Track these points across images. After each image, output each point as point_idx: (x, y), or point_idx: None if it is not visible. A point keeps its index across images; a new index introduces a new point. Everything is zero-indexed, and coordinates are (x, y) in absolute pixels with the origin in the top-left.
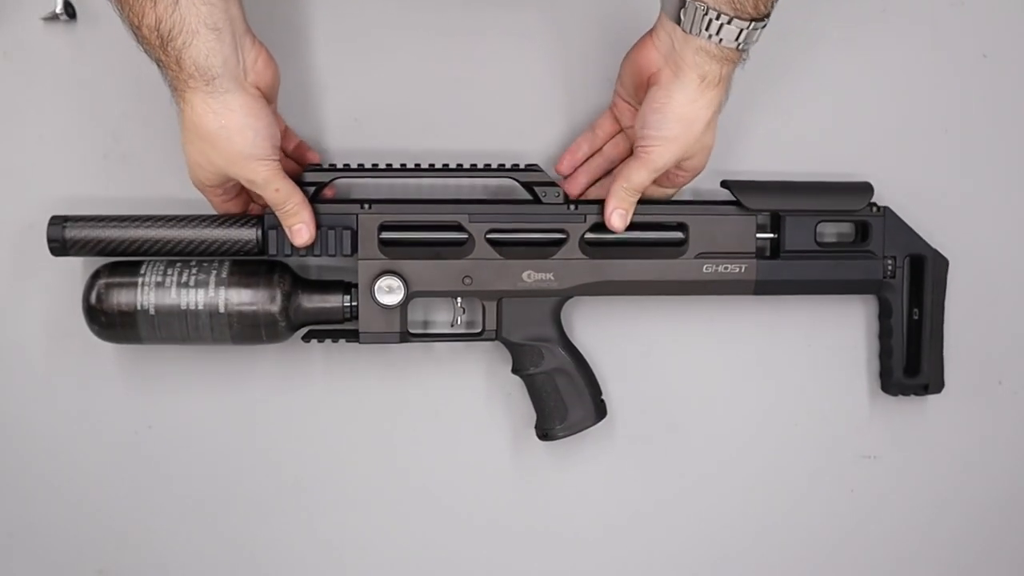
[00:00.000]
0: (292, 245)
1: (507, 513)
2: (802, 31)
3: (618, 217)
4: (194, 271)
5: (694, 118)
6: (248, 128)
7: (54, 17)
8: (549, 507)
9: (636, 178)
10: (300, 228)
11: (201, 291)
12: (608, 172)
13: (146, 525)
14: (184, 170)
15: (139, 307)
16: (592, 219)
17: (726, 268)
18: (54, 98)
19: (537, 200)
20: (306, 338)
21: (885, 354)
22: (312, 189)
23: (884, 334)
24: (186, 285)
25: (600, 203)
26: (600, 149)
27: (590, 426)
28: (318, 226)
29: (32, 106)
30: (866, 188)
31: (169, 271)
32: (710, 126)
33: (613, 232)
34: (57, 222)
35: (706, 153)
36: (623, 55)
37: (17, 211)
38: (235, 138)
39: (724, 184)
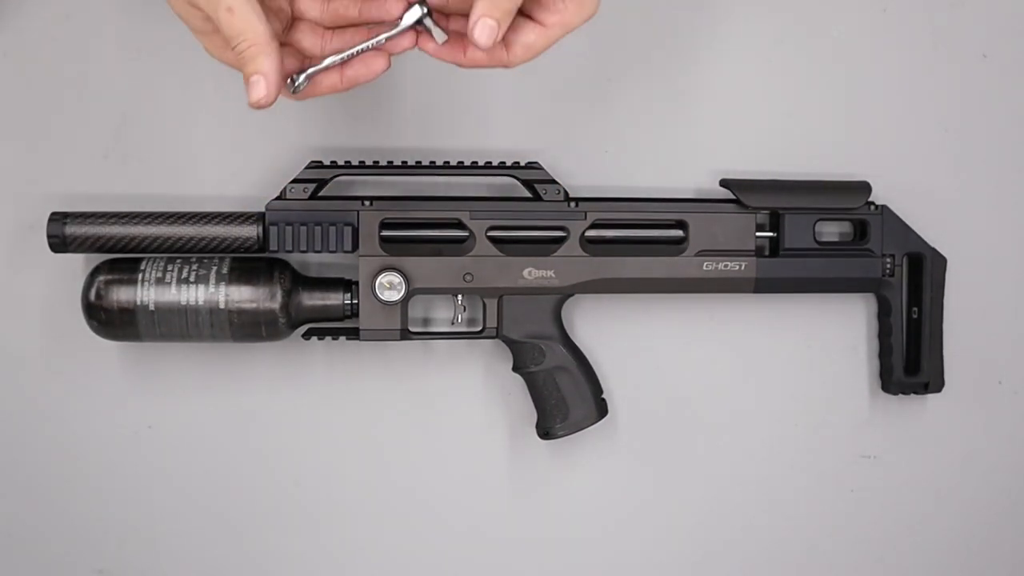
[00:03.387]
0: (293, 242)
1: (507, 511)
2: (801, 31)
3: (485, 28)
4: (194, 267)
5: None
6: None
7: None
8: (549, 506)
9: None
10: (256, 80)
11: (201, 287)
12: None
13: (146, 525)
14: (184, 170)
15: (139, 303)
16: (593, 216)
17: (726, 266)
18: (54, 98)
19: (538, 198)
20: (306, 336)
21: (885, 353)
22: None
23: (884, 333)
24: (186, 281)
25: (601, 200)
26: None
27: (591, 424)
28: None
29: (32, 106)
30: (864, 187)
31: (169, 267)
32: None
33: (478, 48)
34: (57, 218)
35: None
36: (623, 55)
37: (17, 211)
38: None
39: (723, 183)
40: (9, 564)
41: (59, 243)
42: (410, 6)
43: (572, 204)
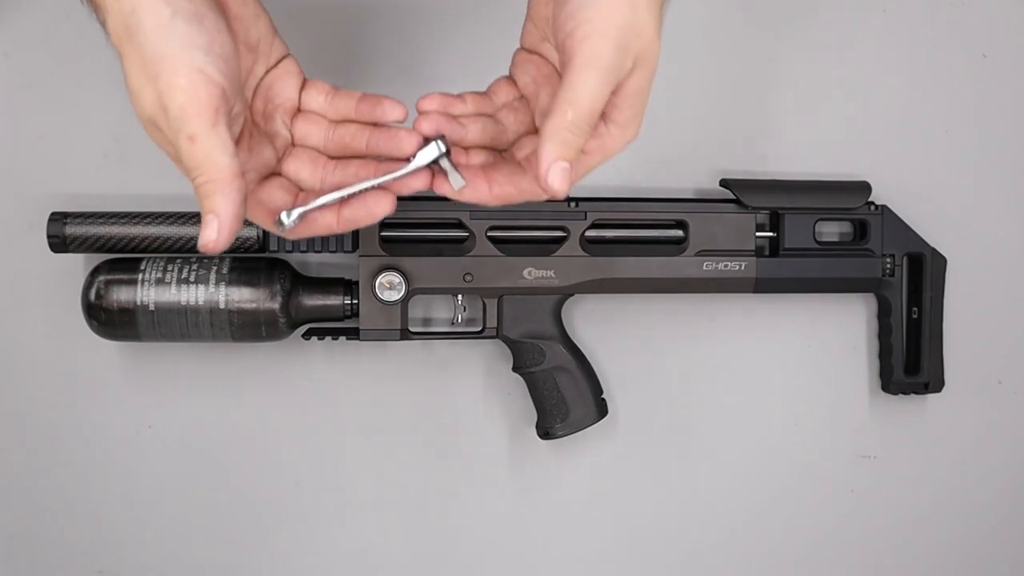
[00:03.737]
0: (293, 242)
1: (507, 511)
2: (802, 31)
3: (560, 173)
4: (195, 267)
5: None
6: (167, 7)
7: None
8: (549, 506)
9: (582, 91)
10: (209, 221)
11: (202, 287)
12: (503, 151)
13: (146, 525)
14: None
15: (139, 303)
16: (593, 216)
17: (726, 266)
18: (54, 98)
19: None
20: (306, 336)
21: (885, 353)
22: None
23: (884, 333)
24: (186, 281)
25: (601, 200)
26: (493, 116)
27: (591, 425)
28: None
29: (32, 106)
30: (864, 187)
31: (169, 267)
32: (652, 12)
33: (551, 197)
34: (57, 218)
35: (650, 68)
36: None
37: (17, 211)
38: (145, 19)
39: (723, 183)
40: (9, 564)
41: (59, 243)
42: (426, 142)
43: (572, 204)
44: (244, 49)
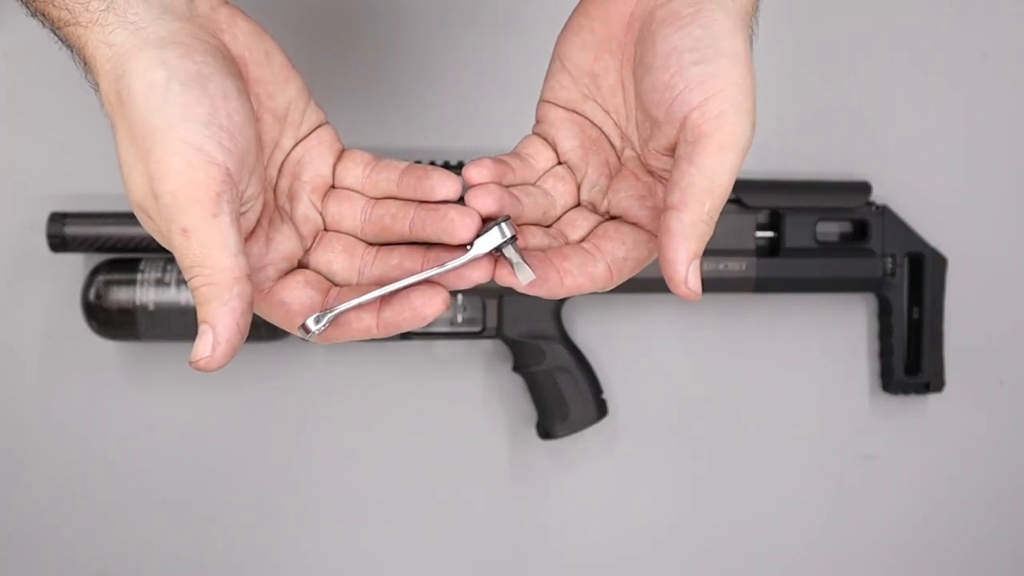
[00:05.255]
0: None
1: (507, 512)
2: (801, 31)
3: (696, 273)
4: None
5: (744, 53)
6: (161, 69)
7: None
8: (549, 506)
9: (720, 177)
10: (203, 332)
11: None
12: (548, 227)
13: (146, 525)
14: None
15: (138, 303)
16: None
17: (726, 266)
18: (54, 98)
19: None
20: None
21: (886, 353)
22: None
23: (884, 333)
24: (185, 281)
25: None
26: (538, 185)
27: (591, 424)
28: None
29: (32, 106)
30: (864, 187)
31: (168, 267)
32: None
33: (687, 299)
34: (57, 218)
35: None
36: None
37: (17, 211)
38: (135, 84)
39: None
40: (9, 564)
41: (59, 243)
42: (486, 226)
43: None
44: (270, 118)
